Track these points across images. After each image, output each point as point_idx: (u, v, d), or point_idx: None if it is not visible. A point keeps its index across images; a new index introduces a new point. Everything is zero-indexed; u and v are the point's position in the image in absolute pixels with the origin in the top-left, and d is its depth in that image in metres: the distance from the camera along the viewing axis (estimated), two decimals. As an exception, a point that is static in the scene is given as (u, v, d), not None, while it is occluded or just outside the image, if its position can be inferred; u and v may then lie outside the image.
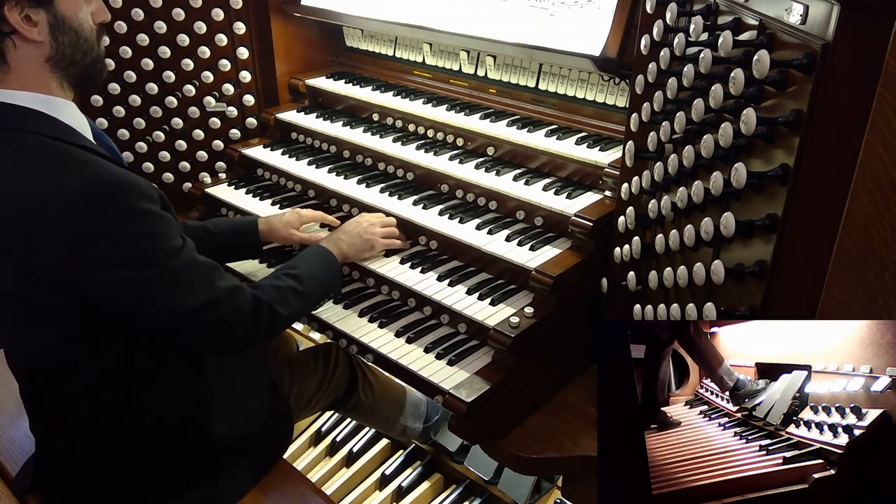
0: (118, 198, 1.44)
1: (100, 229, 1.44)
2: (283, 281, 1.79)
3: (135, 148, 2.92)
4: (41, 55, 1.50)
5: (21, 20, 1.44)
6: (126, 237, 1.46)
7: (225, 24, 2.77)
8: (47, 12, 1.48)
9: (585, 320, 2.02)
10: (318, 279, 1.91)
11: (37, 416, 1.76)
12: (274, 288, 1.75)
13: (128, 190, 1.45)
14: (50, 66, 1.52)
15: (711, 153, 1.42)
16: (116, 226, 1.45)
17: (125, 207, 1.45)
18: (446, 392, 1.82)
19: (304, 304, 1.84)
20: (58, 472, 1.77)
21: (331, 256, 2.02)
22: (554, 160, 2.26)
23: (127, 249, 1.47)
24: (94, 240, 1.44)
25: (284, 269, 1.87)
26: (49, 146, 1.46)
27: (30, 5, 1.45)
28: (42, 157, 1.46)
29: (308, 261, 1.95)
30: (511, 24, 2.35)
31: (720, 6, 1.48)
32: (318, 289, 1.92)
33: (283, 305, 1.73)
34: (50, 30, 1.49)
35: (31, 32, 1.46)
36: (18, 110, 1.48)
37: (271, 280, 1.80)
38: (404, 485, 2.66)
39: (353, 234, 2.11)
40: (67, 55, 1.53)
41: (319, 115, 2.83)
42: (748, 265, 1.35)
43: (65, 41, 1.52)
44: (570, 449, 1.87)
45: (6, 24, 1.43)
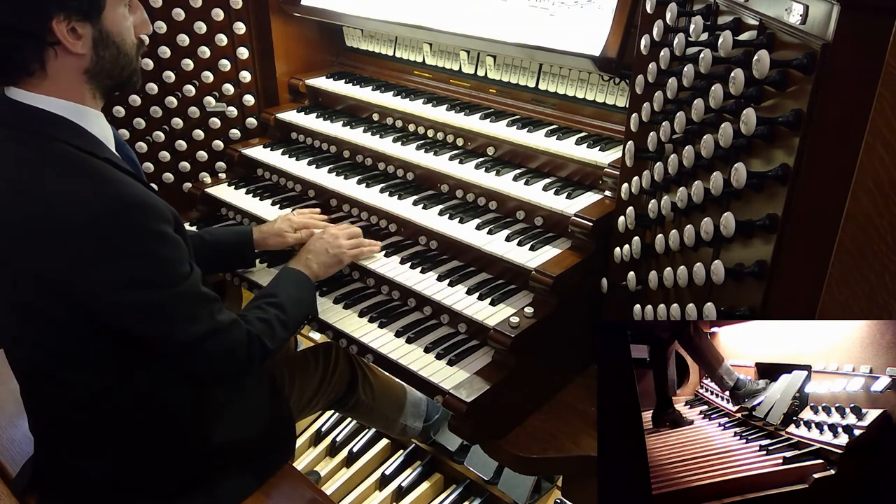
0: (136, 219, 1.46)
1: (113, 247, 1.45)
2: (268, 312, 1.79)
3: (135, 148, 2.91)
4: (80, 67, 1.52)
5: (67, 33, 1.46)
6: (138, 258, 1.48)
7: (225, 24, 2.77)
8: (93, 27, 1.50)
9: (585, 320, 2.02)
10: (298, 304, 1.92)
11: (36, 417, 1.77)
12: (261, 321, 1.75)
13: (146, 211, 1.47)
14: (87, 78, 1.54)
15: (711, 153, 1.42)
16: (130, 246, 1.46)
17: (141, 228, 1.47)
18: (446, 392, 1.82)
19: (288, 331, 1.84)
20: (57, 473, 1.77)
21: (306, 279, 2.01)
22: (554, 160, 2.26)
23: (137, 270, 1.48)
24: (106, 257, 1.45)
25: (265, 297, 1.86)
26: (75, 158, 1.48)
27: (77, 19, 1.46)
28: (67, 168, 1.47)
29: (286, 287, 1.94)
30: (511, 24, 2.35)
31: (720, 6, 1.48)
32: (300, 314, 1.93)
33: (271, 338, 1.74)
34: (93, 44, 1.51)
35: (75, 46, 1.48)
36: (49, 117, 1.50)
37: (256, 312, 1.79)
38: (404, 485, 2.67)
39: (320, 252, 2.10)
40: (106, 69, 1.55)
41: (319, 115, 2.83)
42: (748, 265, 1.35)
43: (105, 55, 1.54)
44: (570, 449, 1.87)
45: (51, 34, 1.45)
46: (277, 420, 1.99)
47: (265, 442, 1.92)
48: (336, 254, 2.12)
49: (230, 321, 1.65)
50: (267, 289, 1.93)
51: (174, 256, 1.53)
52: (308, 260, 2.07)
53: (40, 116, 1.49)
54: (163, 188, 2.98)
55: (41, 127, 1.49)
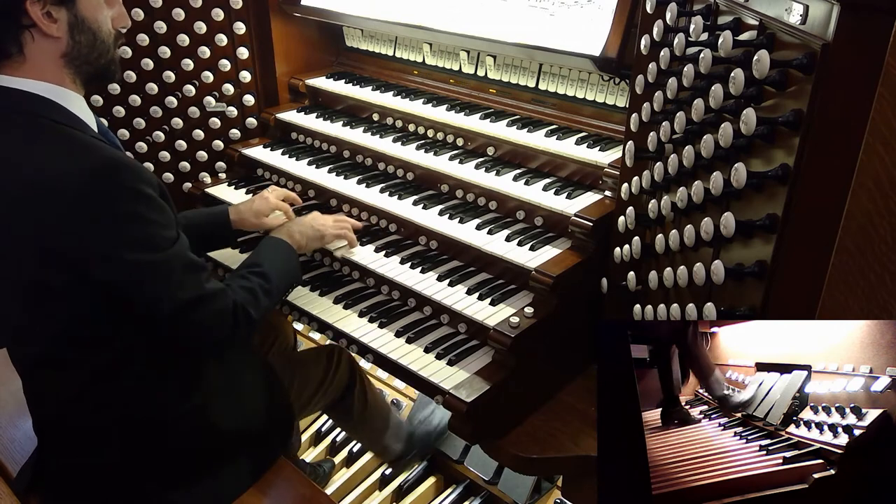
0: (121, 178, 1.49)
1: (100, 209, 1.48)
2: (251, 281, 1.80)
3: (135, 148, 2.92)
4: (58, 50, 1.56)
5: (42, 16, 1.50)
6: (125, 219, 1.51)
7: (225, 24, 2.77)
8: (68, 11, 1.54)
9: (585, 320, 2.02)
10: (282, 272, 1.93)
11: (39, 413, 1.77)
12: (245, 290, 1.76)
13: (130, 171, 1.51)
14: (65, 62, 1.58)
15: (711, 153, 1.42)
16: (117, 206, 1.49)
17: (127, 188, 1.50)
18: (446, 392, 1.82)
19: (273, 300, 1.86)
20: (60, 469, 1.77)
21: (288, 247, 2.03)
22: (554, 160, 2.26)
23: (125, 230, 1.51)
24: (94, 218, 1.48)
25: (248, 266, 1.88)
26: (58, 131, 1.53)
27: (52, 2, 1.51)
28: (50, 141, 1.52)
29: (269, 255, 1.96)
30: (511, 24, 2.35)
31: (720, 6, 1.48)
32: (283, 282, 1.94)
33: (255, 307, 1.75)
34: (69, 28, 1.55)
35: (51, 28, 1.52)
36: (30, 97, 1.54)
37: (240, 281, 1.80)
38: (404, 485, 2.67)
39: (304, 224, 2.14)
40: (83, 54, 1.59)
41: (319, 115, 2.83)
42: (748, 265, 1.35)
43: (82, 40, 1.58)
44: (570, 449, 1.87)
45: (27, 17, 1.49)
46: (276, 407, 1.99)
47: (264, 429, 1.92)
48: (319, 228, 2.15)
49: (217, 290, 1.67)
50: (250, 258, 1.94)
51: (161, 220, 1.56)
52: (291, 230, 2.09)
53: (22, 96, 1.53)
54: (163, 188, 2.99)
55: (23, 105, 1.53)
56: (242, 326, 1.71)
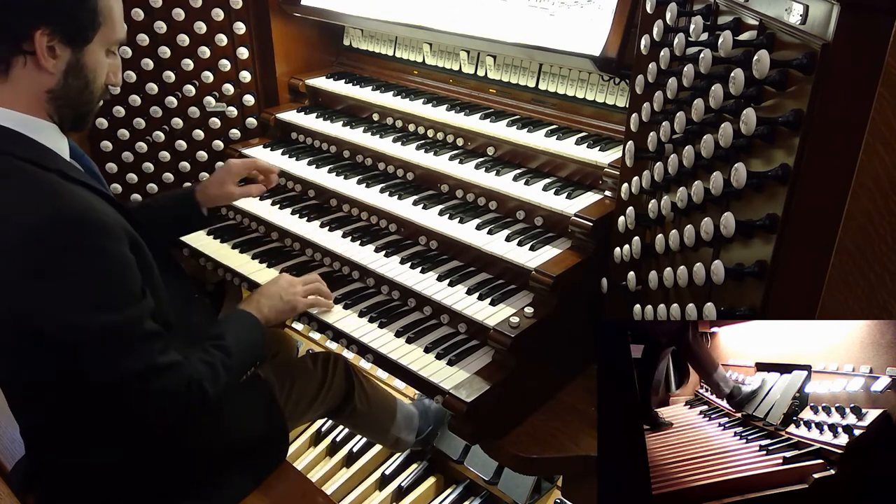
0: (74, 234, 1.40)
1: (48, 265, 1.39)
2: (212, 355, 1.68)
3: (135, 148, 2.92)
4: (44, 85, 1.50)
5: (45, 49, 1.45)
6: (72, 276, 1.41)
7: (225, 24, 2.77)
8: (73, 53, 1.49)
9: (585, 320, 2.02)
10: (246, 347, 1.81)
11: (25, 423, 1.74)
12: (204, 363, 1.64)
13: (86, 226, 1.41)
14: (48, 98, 1.52)
15: (711, 153, 1.42)
16: (66, 263, 1.40)
17: (79, 245, 1.41)
18: (446, 392, 1.82)
19: (232, 376, 1.72)
20: (50, 473, 1.76)
21: (256, 322, 1.89)
22: (554, 160, 2.26)
23: (71, 290, 1.42)
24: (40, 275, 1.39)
25: (211, 339, 1.74)
26: (18, 171, 1.44)
27: (60, 40, 1.46)
28: (8, 183, 1.43)
29: (234, 329, 1.82)
30: (511, 24, 2.35)
31: (720, 6, 1.48)
32: (246, 359, 1.82)
33: (212, 383, 1.62)
34: (66, 69, 1.50)
35: (48, 63, 1.47)
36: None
37: (200, 354, 1.67)
38: (404, 485, 2.67)
39: (273, 296, 1.98)
40: (70, 97, 1.53)
41: (319, 115, 2.83)
42: (748, 265, 1.35)
43: (73, 85, 1.52)
44: (570, 449, 1.87)
45: (29, 43, 1.44)
46: (272, 423, 1.97)
47: (259, 445, 1.90)
48: (289, 300, 2.01)
49: (170, 363, 1.53)
50: (215, 330, 1.79)
51: (117, 277, 1.46)
52: (260, 303, 1.95)
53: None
54: (163, 188, 2.98)
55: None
56: (196, 404, 1.59)
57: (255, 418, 1.92)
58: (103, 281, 1.44)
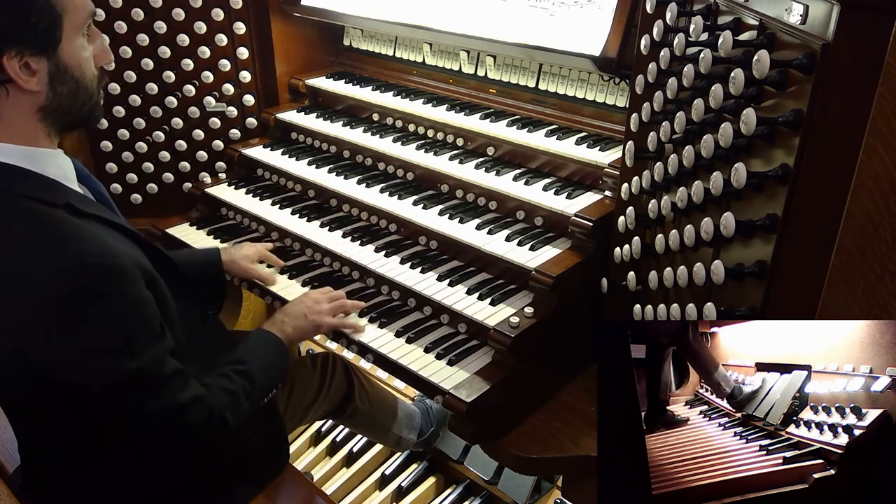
0: (95, 283, 1.36)
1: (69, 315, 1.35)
2: (235, 382, 1.65)
3: (135, 148, 2.92)
4: (34, 105, 1.41)
5: (20, 69, 1.35)
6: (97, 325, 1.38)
7: (225, 24, 2.77)
8: (49, 61, 1.38)
9: (585, 320, 2.02)
10: (268, 373, 1.78)
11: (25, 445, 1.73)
12: (225, 392, 1.62)
13: (105, 274, 1.37)
14: (41, 116, 1.43)
15: (711, 153, 1.42)
16: (89, 312, 1.37)
17: (102, 292, 1.37)
18: (446, 392, 1.82)
19: (253, 405, 1.70)
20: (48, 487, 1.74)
21: (279, 344, 1.86)
22: (554, 160, 2.26)
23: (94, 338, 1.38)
24: (62, 325, 1.36)
25: (234, 364, 1.72)
26: (29, 215, 1.38)
27: (31, 53, 1.35)
28: (20, 228, 1.38)
29: (257, 353, 1.80)
30: (511, 24, 2.35)
31: (720, 6, 1.48)
32: (268, 384, 1.78)
33: (233, 412, 1.61)
34: (49, 79, 1.40)
35: (29, 83, 1.37)
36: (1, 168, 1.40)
37: (221, 381, 1.65)
38: (404, 485, 2.67)
39: (298, 316, 1.94)
40: (64, 105, 1.44)
41: (319, 115, 2.83)
42: (748, 265, 1.35)
43: (63, 91, 1.43)
44: (570, 449, 1.87)
45: (2, 72, 1.34)
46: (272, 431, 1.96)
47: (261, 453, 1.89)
48: (314, 319, 1.96)
49: (193, 399, 1.52)
50: (237, 353, 1.76)
51: (137, 320, 1.42)
52: (284, 324, 1.91)
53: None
54: (163, 188, 2.99)
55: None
56: (215, 435, 1.58)
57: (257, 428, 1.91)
58: (123, 327, 1.41)
